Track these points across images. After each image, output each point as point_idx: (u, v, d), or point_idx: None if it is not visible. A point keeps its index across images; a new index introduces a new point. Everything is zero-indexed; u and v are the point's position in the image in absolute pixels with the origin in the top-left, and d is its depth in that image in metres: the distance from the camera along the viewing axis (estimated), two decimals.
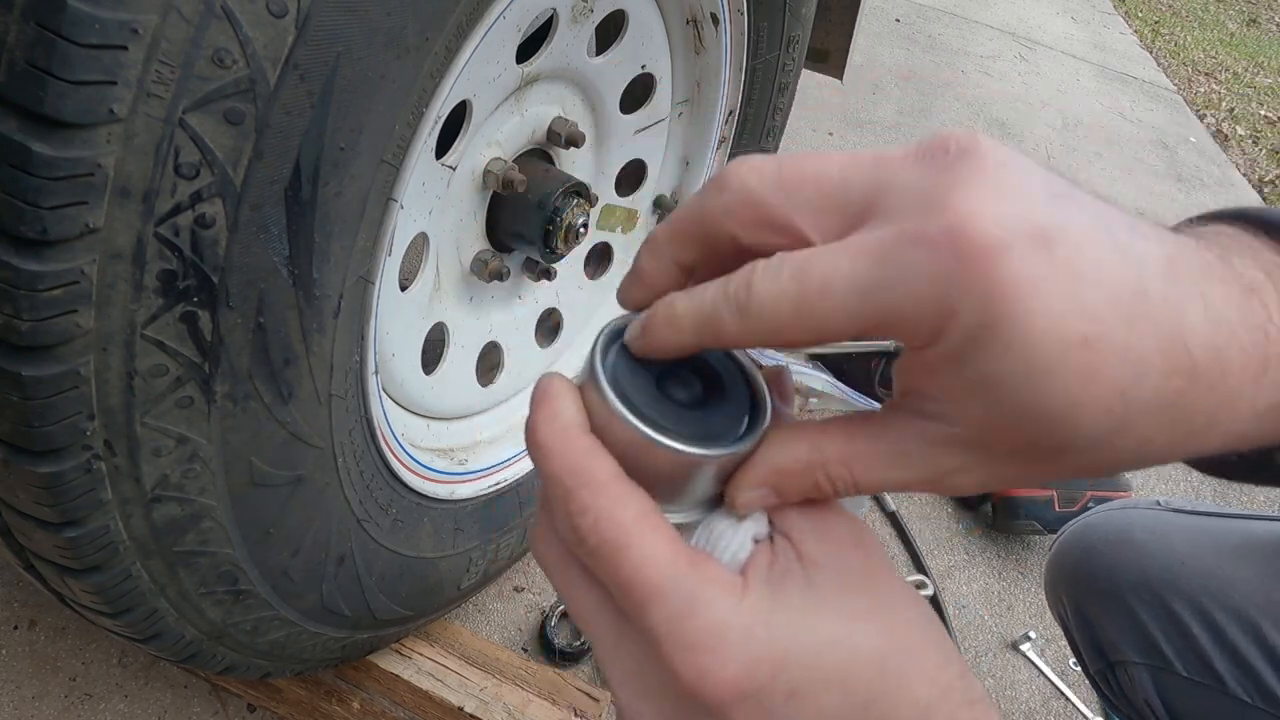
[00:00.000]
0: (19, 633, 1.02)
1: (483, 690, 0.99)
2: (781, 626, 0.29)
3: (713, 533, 0.32)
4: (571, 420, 0.30)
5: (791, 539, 0.31)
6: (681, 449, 0.30)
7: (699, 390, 0.32)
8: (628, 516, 0.29)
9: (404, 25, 0.54)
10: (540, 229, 0.89)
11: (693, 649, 0.28)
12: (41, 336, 0.45)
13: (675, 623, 0.28)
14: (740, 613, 0.29)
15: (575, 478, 0.29)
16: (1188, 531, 0.81)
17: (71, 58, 0.40)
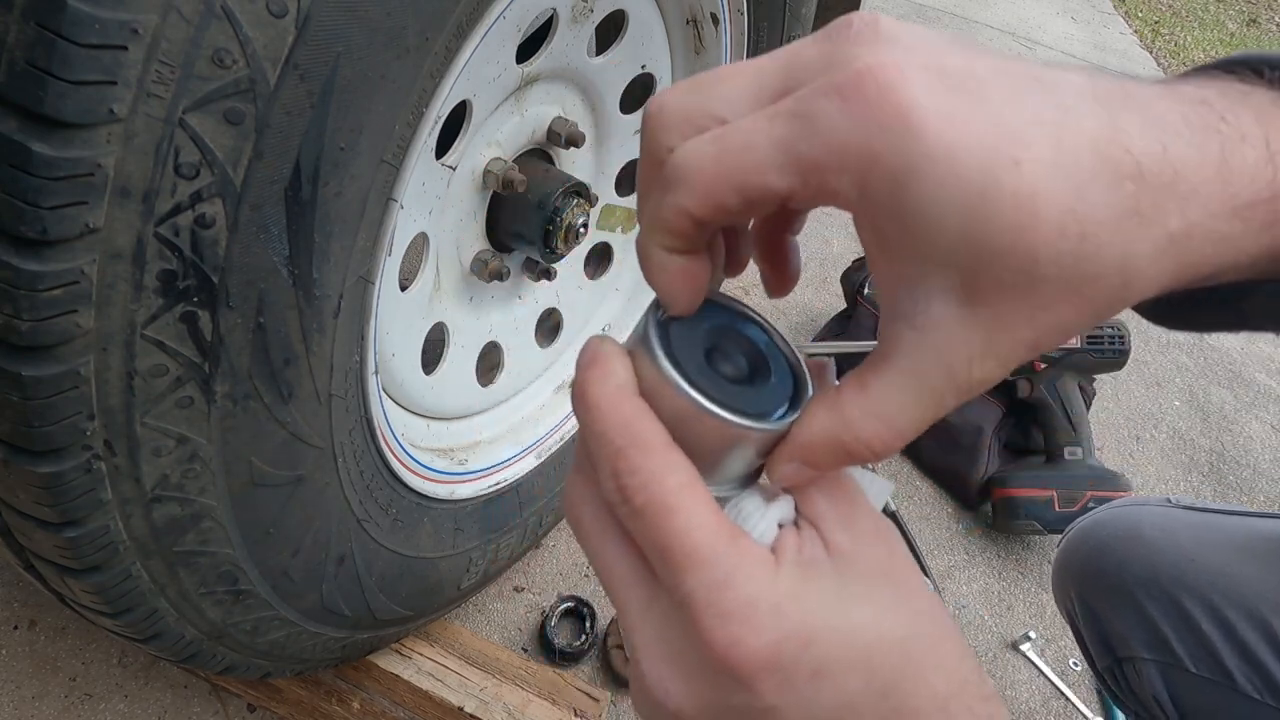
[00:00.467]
0: (19, 633, 1.02)
1: (483, 690, 0.99)
2: (813, 606, 0.29)
3: (741, 512, 0.32)
4: (624, 381, 0.31)
5: (819, 527, 0.31)
6: (730, 419, 0.30)
7: (744, 367, 0.33)
8: (676, 482, 0.29)
9: (404, 25, 0.54)
10: (540, 229, 0.89)
11: (727, 617, 0.28)
12: (41, 336, 0.45)
13: (712, 591, 0.28)
14: (775, 588, 0.29)
15: (627, 437, 0.29)
16: (1197, 529, 0.81)
17: (71, 58, 0.40)
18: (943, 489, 1.56)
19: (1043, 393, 1.50)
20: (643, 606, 0.31)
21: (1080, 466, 1.44)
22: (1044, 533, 1.44)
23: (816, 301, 1.90)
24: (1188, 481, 1.72)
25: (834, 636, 0.29)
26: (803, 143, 0.25)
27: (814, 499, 0.32)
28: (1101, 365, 1.53)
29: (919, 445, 1.57)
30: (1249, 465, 1.77)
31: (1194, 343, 2.10)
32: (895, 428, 0.29)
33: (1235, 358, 2.08)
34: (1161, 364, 2.00)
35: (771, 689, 0.29)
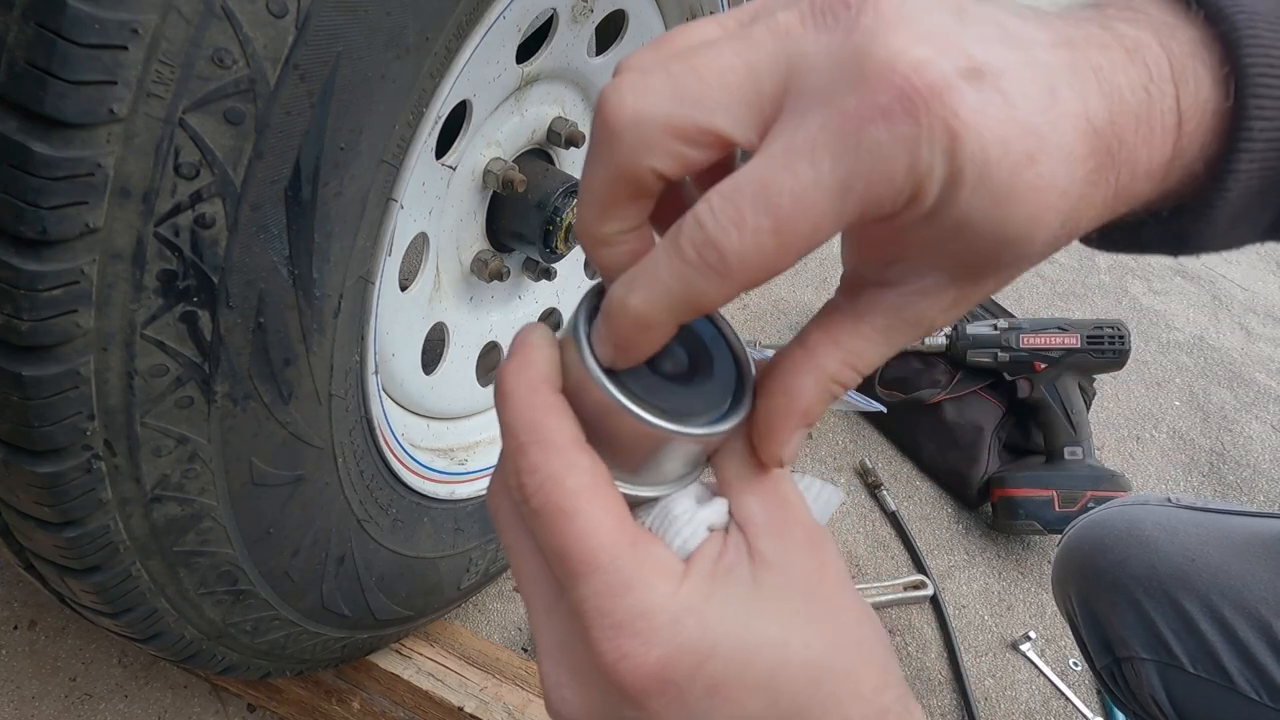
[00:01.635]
0: (19, 633, 1.02)
1: (483, 690, 0.99)
2: (715, 620, 0.28)
3: (668, 515, 0.31)
4: (540, 374, 0.29)
5: (746, 533, 0.30)
6: (652, 421, 0.28)
7: (685, 364, 0.31)
8: (577, 484, 0.28)
9: (404, 25, 0.54)
10: (540, 229, 0.89)
11: (618, 629, 0.27)
12: (41, 336, 0.45)
13: (605, 599, 0.27)
14: (674, 599, 0.28)
15: (531, 433, 0.28)
16: (1198, 528, 0.81)
17: (71, 58, 0.40)
18: (943, 489, 1.56)
19: (1043, 393, 1.50)
20: (546, 608, 0.30)
21: (1080, 466, 1.45)
22: (1044, 533, 1.44)
23: (816, 301, 1.90)
24: (1188, 481, 1.72)
25: (735, 654, 0.28)
26: (859, 181, 0.24)
27: (747, 502, 0.31)
28: (1101, 365, 1.53)
29: (919, 445, 1.57)
30: (1249, 465, 1.77)
31: (1194, 343, 2.10)
32: (863, 373, 0.29)
33: (1235, 358, 2.08)
34: (1161, 364, 2.00)
35: (662, 706, 0.28)
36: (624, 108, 0.25)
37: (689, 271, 0.25)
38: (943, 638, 1.32)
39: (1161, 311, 2.19)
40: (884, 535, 1.45)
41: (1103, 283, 2.25)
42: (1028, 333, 1.52)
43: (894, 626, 1.32)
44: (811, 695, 0.28)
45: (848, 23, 0.24)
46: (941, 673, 1.28)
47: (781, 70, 0.25)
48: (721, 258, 0.24)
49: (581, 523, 0.28)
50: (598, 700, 0.29)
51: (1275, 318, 2.27)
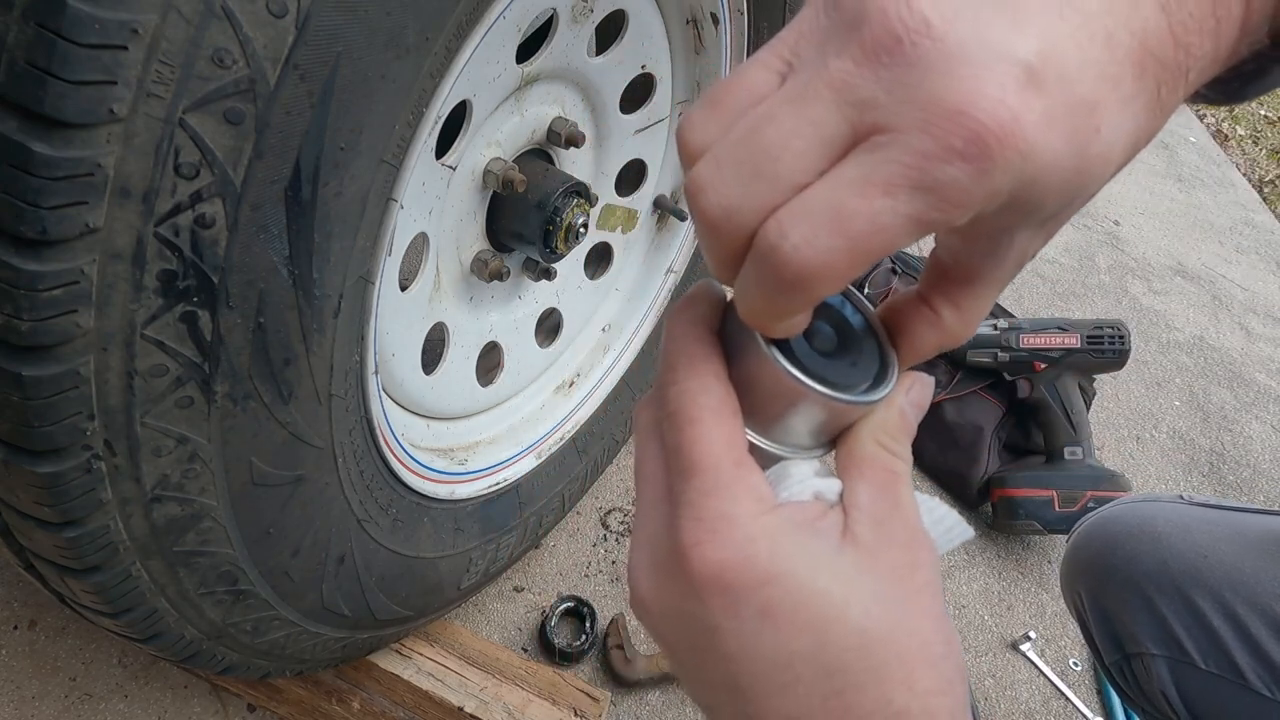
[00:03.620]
0: (19, 633, 1.02)
1: (483, 690, 0.99)
2: (784, 554, 0.30)
3: (784, 472, 0.34)
4: (701, 314, 0.33)
5: (848, 515, 0.32)
6: (792, 373, 0.31)
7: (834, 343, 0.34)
8: (706, 402, 0.32)
9: (404, 25, 0.54)
10: (540, 229, 0.89)
11: (698, 521, 0.30)
12: (41, 336, 0.45)
13: (698, 495, 0.31)
14: (754, 521, 0.30)
15: (681, 357, 0.33)
16: (1210, 525, 0.81)
17: (71, 58, 0.40)
18: (943, 489, 1.56)
19: (1043, 393, 1.50)
20: (650, 502, 0.33)
21: (1080, 466, 1.44)
22: (1044, 533, 1.44)
23: None
24: (1188, 481, 1.72)
25: (793, 590, 0.29)
26: (935, 213, 0.25)
27: (859, 490, 0.32)
28: (1101, 365, 1.53)
29: (919, 445, 1.57)
30: (1249, 465, 1.77)
31: (1194, 343, 2.10)
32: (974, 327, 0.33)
33: (1235, 358, 2.08)
34: (1161, 364, 2.00)
35: (718, 608, 0.30)
36: (713, 208, 0.27)
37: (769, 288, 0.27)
38: None
39: (1161, 311, 2.19)
40: None
41: (1103, 283, 2.25)
42: (1028, 333, 1.52)
43: None
44: (858, 660, 0.30)
45: (906, 57, 0.24)
46: None
47: (848, 122, 0.26)
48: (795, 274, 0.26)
49: (700, 430, 0.31)
50: (669, 587, 0.32)
51: (1275, 318, 2.27)
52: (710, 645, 0.31)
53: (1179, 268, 2.40)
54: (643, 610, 0.34)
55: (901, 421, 0.33)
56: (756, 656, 0.30)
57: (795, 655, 0.29)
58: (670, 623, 0.33)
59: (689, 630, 0.32)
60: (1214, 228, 2.68)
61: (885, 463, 0.33)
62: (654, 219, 1.21)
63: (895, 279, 1.68)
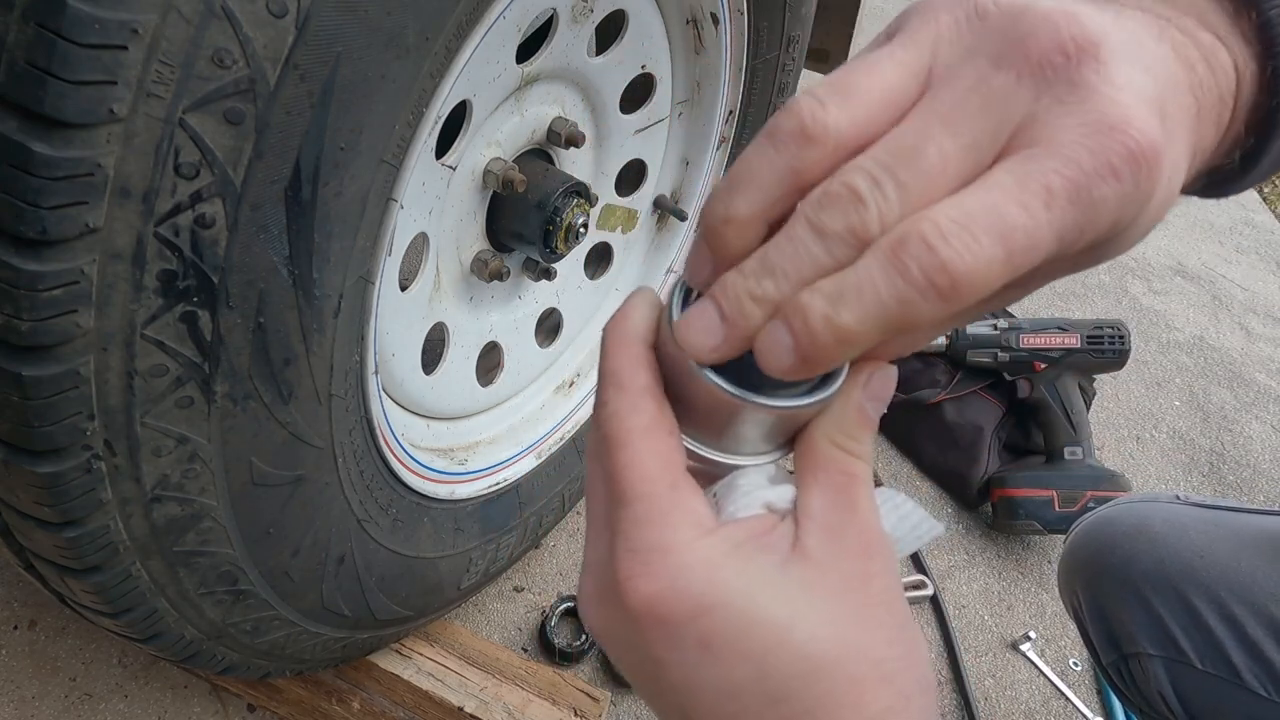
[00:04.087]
0: (19, 633, 1.02)
1: (483, 690, 0.99)
2: (724, 581, 0.29)
3: (732, 484, 0.32)
4: (634, 330, 0.32)
5: (799, 525, 0.31)
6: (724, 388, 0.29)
7: None
8: (635, 423, 0.31)
9: (404, 25, 0.54)
10: (540, 229, 0.89)
11: (634, 554, 0.29)
12: (41, 336, 0.45)
13: (631, 525, 0.30)
14: (690, 548, 0.29)
15: (611, 376, 0.32)
16: (1206, 525, 0.81)
17: (71, 58, 0.40)
18: (943, 489, 1.56)
19: (1043, 393, 1.50)
20: (595, 527, 0.33)
21: (1080, 466, 1.44)
22: (1044, 533, 1.44)
23: None
24: (1188, 481, 1.72)
25: (732, 618, 0.28)
26: (1086, 228, 0.25)
27: (813, 496, 0.31)
28: (1101, 365, 1.53)
29: (919, 445, 1.57)
30: (1249, 465, 1.77)
31: (1194, 343, 2.10)
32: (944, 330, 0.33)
33: (1235, 358, 2.08)
34: (1161, 364, 2.00)
35: (657, 641, 0.29)
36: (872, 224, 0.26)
37: (911, 293, 0.25)
38: (943, 638, 1.32)
39: (1161, 311, 2.19)
40: None
41: (1103, 283, 2.25)
42: (1028, 333, 1.52)
43: None
44: (804, 687, 0.28)
45: (1071, 74, 0.25)
46: (941, 673, 1.28)
47: (1004, 134, 0.26)
48: (953, 283, 0.24)
49: (629, 455, 0.30)
50: (613, 617, 0.31)
51: (1275, 318, 2.27)
52: (656, 676, 0.30)
53: (1179, 268, 2.40)
54: (596, 636, 0.33)
55: (859, 417, 0.31)
56: (701, 688, 0.29)
57: (738, 686, 0.29)
58: (619, 651, 0.32)
59: (637, 660, 0.31)
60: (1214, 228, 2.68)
61: (841, 464, 0.31)
62: (654, 219, 1.21)
63: None
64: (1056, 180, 0.24)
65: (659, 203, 1.18)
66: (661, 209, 1.19)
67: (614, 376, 0.32)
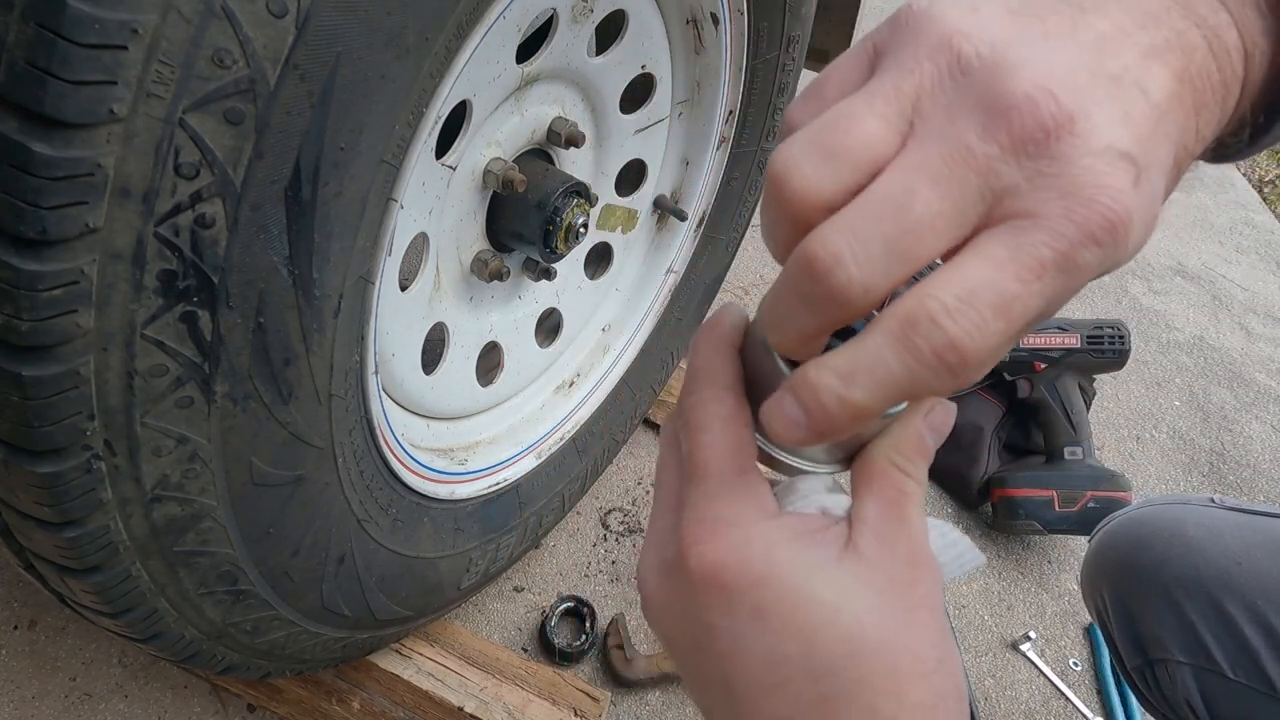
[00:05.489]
0: (19, 633, 1.02)
1: (483, 690, 0.99)
2: (781, 559, 0.31)
3: (793, 487, 0.35)
4: (724, 334, 0.35)
5: (853, 528, 0.33)
6: None
7: None
8: (717, 412, 0.34)
9: (404, 25, 0.54)
10: (540, 229, 0.89)
11: (700, 523, 0.32)
12: (41, 336, 0.45)
13: (702, 498, 0.33)
14: (753, 525, 0.32)
15: (700, 370, 0.35)
16: (1242, 530, 0.79)
17: (71, 58, 0.40)
18: (943, 489, 1.56)
19: (1043, 393, 1.50)
20: (663, 506, 0.36)
21: (1080, 466, 1.44)
22: (1044, 533, 1.44)
23: None
24: (1188, 481, 1.72)
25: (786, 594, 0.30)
26: (1067, 293, 0.27)
27: (867, 504, 0.33)
28: (1101, 365, 1.53)
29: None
30: (1249, 465, 1.77)
31: (1194, 343, 2.10)
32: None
33: (1235, 358, 2.08)
34: (1161, 364, 2.00)
35: (714, 606, 0.31)
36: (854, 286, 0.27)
37: (922, 370, 0.26)
38: None
39: (1161, 311, 2.19)
40: None
41: (1103, 283, 2.25)
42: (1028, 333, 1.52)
43: None
44: (846, 667, 0.30)
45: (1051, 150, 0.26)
46: None
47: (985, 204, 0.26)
48: (962, 359, 0.26)
49: (708, 438, 0.33)
50: (671, 586, 0.33)
51: (1275, 318, 2.27)
52: (707, 643, 0.32)
53: (1179, 268, 2.40)
54: (648, 607, 0.35)
55: (918, 443, 0.33)
56: (748, 656, 0.31)
57: (785, 657, 0.30)
58: (672, 620, 0.34)
59: (688, 627, 0.33)
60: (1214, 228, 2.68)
61: (895, 480, 0.33)
62: (654, 219, 1.21)
63: None
64: (1046, 252, 0.25)
65: (659, 203, 1.18)
66: (661, 209, 1.19)
67: (702, 371, 0.35)
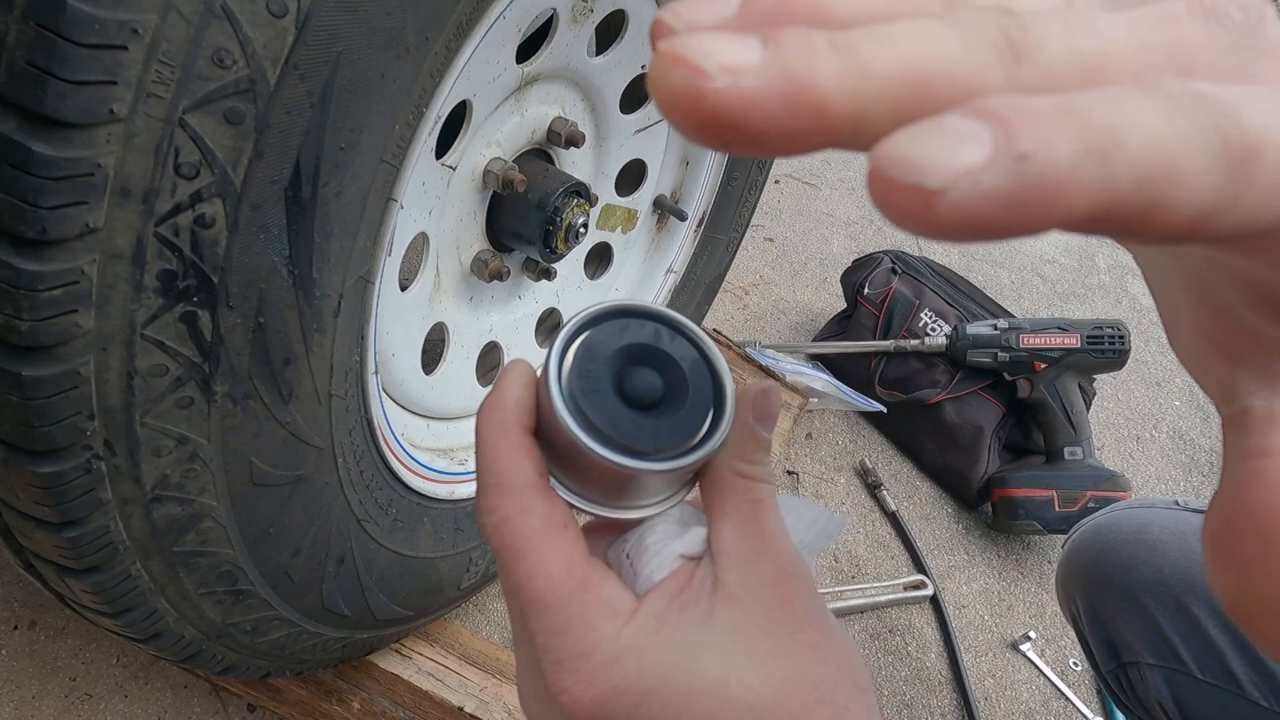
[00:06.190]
0: (19, 633, 1.02)
1: (483, 690, 0.99)
2: (655, 661, 0.29)
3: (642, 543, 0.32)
4: (510, 414, 0.31)
5: (716, 564, 0.31)
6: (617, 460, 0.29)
7: (658, 390, 0.31)
8: (529, 526, 0.30)
9: (404, 25, 0.54)
10: (540, 229, 0.89)
11: (559, 665, 0.29)
12: (41, 336, 0.45)
13: (550, 636, 0.29)
14: (615, 641, 0.29)
15: (492, 475, 0.30)
16: None
17: (71, 58, 0.40)
18: (943, 489, 1.56)
19: (1043, 393, 1.50)
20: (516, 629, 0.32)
21: (1080, 466, 1.45)
22: (1044, 533, 1.44)
23: (816, 301, 1.90)
24: (1188, 481, 1.72)
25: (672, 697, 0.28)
26: None
27: (723, 531, 0.31)
28: (1101, 365, 1.53)
29: (919, 445, 1.57)
30: None
31: None
32: None
33: None
34: (1161, 364, 2.00)
35: None
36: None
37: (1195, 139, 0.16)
38: (943, 637, 1.32)
39: None
40: (884, 535, 1.45)
41: (1103, 283, 2.25)
42: (1028, 333, 1.52)
43: (894, 626, 1.32)
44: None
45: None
46: (941, 673, 1.28)
47: None
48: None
49: (530, 563, 0.29)
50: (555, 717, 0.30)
51: None
52: None
53: None
54: None
55: (754, 442, 0.31)
56: None
57: None
58: None
59: None
60: None
61: (746, 492, 0.31)
62: (654, 219, 1.21)
63: (895, 279, 1.67)
64: None
65: (659, 203, 1.18)
66: (661, 209, 1.19)
67: (496, 476, 0.30)
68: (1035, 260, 2.29)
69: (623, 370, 0.31)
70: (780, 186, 2.24)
